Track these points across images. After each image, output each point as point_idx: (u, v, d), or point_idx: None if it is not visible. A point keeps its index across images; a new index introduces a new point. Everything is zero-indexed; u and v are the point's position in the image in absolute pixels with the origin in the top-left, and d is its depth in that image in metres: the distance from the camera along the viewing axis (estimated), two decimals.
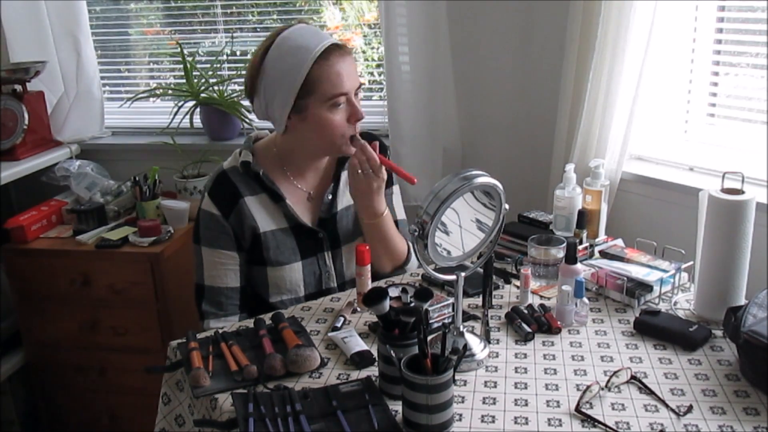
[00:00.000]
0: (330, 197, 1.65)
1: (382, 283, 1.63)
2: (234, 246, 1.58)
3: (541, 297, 1.59)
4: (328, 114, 1.49)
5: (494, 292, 1.59)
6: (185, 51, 2.57)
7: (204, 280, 1.60)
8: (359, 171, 1.53)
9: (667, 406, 1.17)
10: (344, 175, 1.66)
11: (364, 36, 2.64)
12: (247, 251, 1.60)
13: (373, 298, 1.23)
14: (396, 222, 1.71)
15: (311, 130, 1.53)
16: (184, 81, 2.59)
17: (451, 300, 1.46)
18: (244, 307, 1.63)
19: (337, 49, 1.49)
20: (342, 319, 1.48)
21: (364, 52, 2.64)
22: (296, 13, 2.66)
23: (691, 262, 1.55)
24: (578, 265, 1.50)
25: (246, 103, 2.56)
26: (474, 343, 1.33)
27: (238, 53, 2.69)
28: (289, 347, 1.32)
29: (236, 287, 1.60)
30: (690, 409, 1.16)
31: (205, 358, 1.33)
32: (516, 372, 1.29)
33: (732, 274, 1.42)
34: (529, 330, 1.41)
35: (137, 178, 2.38)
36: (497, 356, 1.35)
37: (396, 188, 1.78)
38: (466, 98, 2.41)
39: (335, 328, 1.45)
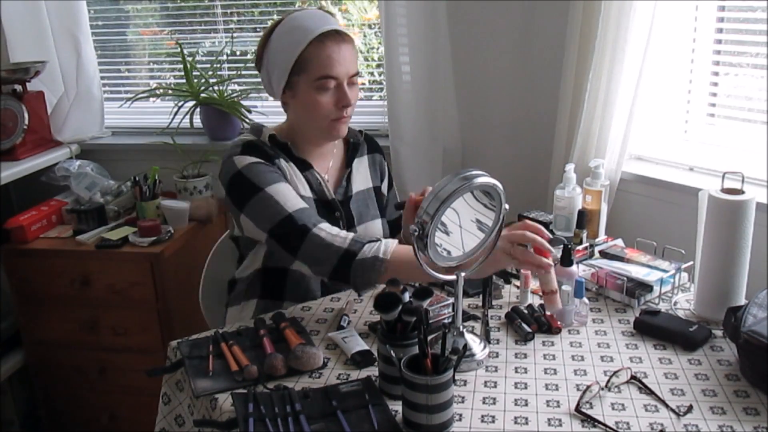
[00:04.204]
0: (345, 183, 1.69)
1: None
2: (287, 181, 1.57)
3: (541, 297, 1.58)
4: (315, 94, 1.54)
5: (494, 292, 1.59)
6: (185, 51, 2.57)
7: (287, 210, 1.51)
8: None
9: (667, 406, 1.17)
10: (356, 160, 1.72)
11: (364, 36, 2.64)
12: None
13: (385, 305, 1.22)
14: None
15: (301, 108, 1.58)
16: (184, 81, 2.59)
17: (451, 300, 1.46)
18: (266, 284, 1.64)
19: (336, 35, 1.53)
20: (346, 318, 1.48)
21: (367, 51, 2.64)
22: None
23: (691, 262, 1.55)
24: (573, 268, 1.49)
25: (246, 102, 2.58)
26: (474, 343, 1.33)
27: (238, 53, 2.69)
28: (292, 345, 1.33)
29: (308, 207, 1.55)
30: (690, 409, 1.16)
31: (205, 357, 1.34)
32: (516, 372, 1.29)
33: (732, 274, 1.42)
34: (529, 330, 1.41)
35: (137, 178, 2.38)
36: (497, 356, 1.35)
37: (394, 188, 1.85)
38: (466, 98, 2.41)
39: (340, 327, 1.46)
